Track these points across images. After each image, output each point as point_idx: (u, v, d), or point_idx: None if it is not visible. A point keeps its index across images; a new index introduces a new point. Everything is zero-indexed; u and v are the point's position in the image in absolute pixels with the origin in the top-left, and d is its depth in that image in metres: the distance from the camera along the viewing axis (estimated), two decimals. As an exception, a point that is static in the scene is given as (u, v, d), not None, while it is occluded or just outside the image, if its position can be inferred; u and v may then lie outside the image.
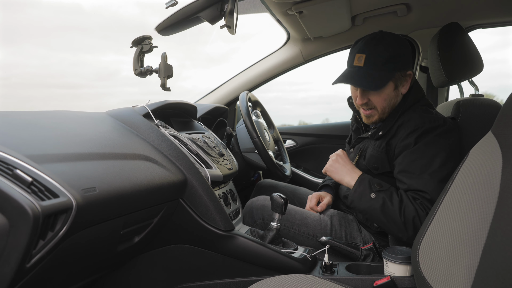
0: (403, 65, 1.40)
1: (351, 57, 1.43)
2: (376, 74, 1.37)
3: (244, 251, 1.26)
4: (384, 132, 1.44)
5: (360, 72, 1.38)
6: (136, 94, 10.94)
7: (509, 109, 0.91)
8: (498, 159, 0.89)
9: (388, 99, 1.42)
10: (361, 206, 1.37)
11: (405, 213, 1.28)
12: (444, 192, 1.01)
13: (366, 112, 1.47)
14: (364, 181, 1.38)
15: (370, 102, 1.43)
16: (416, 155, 1.32)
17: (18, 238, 0.64)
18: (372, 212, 1.34)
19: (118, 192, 0.91)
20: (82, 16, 18.56)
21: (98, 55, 19.41)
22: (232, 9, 1.34)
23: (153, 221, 1.13)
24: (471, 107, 1.44)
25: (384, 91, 1.40)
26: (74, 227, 0.76)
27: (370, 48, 1.38)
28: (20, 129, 0.90)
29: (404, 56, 1.41)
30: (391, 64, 1.38)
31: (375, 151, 1.46)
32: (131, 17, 19.30)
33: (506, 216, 0.80)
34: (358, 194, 1.37)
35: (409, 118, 1.38)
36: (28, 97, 10.31)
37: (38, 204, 0.66)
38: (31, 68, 17.13)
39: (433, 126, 1.34)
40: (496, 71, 5.82)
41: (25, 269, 0.67)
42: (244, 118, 1.72)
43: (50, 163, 0.80)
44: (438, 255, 0.95)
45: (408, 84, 1.44)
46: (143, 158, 1.12)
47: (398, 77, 1.41)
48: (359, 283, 1.17)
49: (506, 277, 0.73)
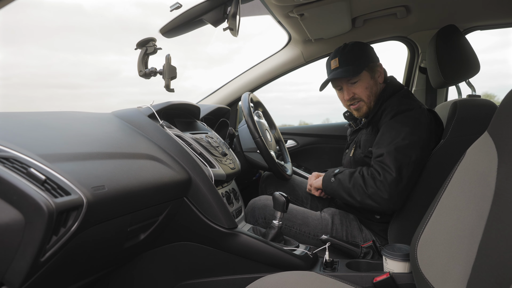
0: (371, 58, 1.67)
1: (328, 66, 1.71)
2: (350, 67, 1.62)
3: (247, 249, 1.29)
4: (371, 117, 1.64)
5: (338, 70, 1.64)
6: (137, 94, 10.97)
7: (505, 110, 0.94)
8: (493, 158, 0.92)
9: (369, 88, 1.64)
10: (329, 192, 1.66)
11: (354, 180, 1.51)
12: (442, 190, 1.03)
13: (355, 106, 1.68)
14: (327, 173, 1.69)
15: (356, 95, 1.65)
16: (386, 129, 1.53)
17: (33, 233, 0.67)
18: (335, 193, 1.61)
19: (125, 190, 0.93)
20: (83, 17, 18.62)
21: (98, 56, 19.44)
22: (235, 12, 1.37)
23: (159, 218, 1.16)
24: (468, 107, 1.46)
25: (362, 80, 1.63)
26: (84, 224, 0.78)
27: (339, 52, 1.66)
28: (32, 130, 0.93)
29: (368, 50, 1.68)
30: (360, 58, 1.63)
31: (367, 136, 1.64)
32: (131, 17, 19.34)
33: (501, 214, 0.83)
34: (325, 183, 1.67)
35: (390, 103, 1.60)
36: (29, 97, 10.34)
37: (52, 201, 0.69)
38: (32, 68, 17.16)
39: (407, 108, 1.53)
40: (496, 71, 5.84)
41: (40, 263, 0.70)
42: (246, 119, 1.75)
43: (61, 162, 0.83)
44: (436, 252, 0.97)
45: (382, 74, 1.68)
46: (149, 158, 1.15)
47: (370, 67, 1.65)
48: (359, 279, 1.19)
49: (500, 272, 0.75)
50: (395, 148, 1.44)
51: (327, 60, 1.74)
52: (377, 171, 1.45)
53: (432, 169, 1.45)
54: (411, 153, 1.44)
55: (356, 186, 1.49)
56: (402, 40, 2.35)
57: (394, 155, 1.44)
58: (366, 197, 1.46)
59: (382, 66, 1.69)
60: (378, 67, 1.68)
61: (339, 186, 1.56)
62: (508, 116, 0.91)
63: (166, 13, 1.34)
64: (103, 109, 1.37)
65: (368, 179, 1.46)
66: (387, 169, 1.43)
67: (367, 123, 1.67)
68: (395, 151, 1.44)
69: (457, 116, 1.45)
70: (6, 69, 10.65)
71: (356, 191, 1.48)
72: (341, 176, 1.58)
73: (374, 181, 1.44)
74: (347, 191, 1.52)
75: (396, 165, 1.42)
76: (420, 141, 1.46)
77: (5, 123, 0.92)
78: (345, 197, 1.54)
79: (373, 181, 1.44)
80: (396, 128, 1.49)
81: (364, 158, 1.62)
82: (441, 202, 1.02)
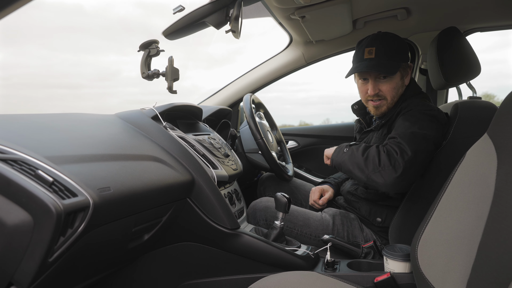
0: (406, 57, 1.58)
1: (360, 52, 1.57)
2: (387, 63, 1.52)
3: (249, 249, 1.30)
4: (385, 120, 1.58)
5: (373, 62, 1.52)
6: (137, 94, 11.00)
7: (504, 112, 0.95)
8: (493, 160, 0.93)
9: (397, 88, 1.57)
10: (337, 161, 1.52)
11: (368, 153, 1.42)
12: (442, 191, 1.04)
13: (376, 103, 1.59)
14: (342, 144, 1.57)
15: (380, 92, 1.56)
16: (402, 121, 1.47)
17: (41, 234, 0.69)
18: (343, 163, 1.49)
19: (130, 191, 0.95)
20: (83, 17, 18.66)
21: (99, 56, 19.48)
22: (237, 15, 1.38)
23: (162, 219, 1.18)
24: (469, 109, 1.47)
25: (394, 80, 1.55)
26: (91, 225, 0.80)
27: (378, 42, 1.54)
28: (38, 132, 0.95)
29: (405, 49, 1.59)
30: (398, 55, 1.54)
31: (378, 139, 1.58)
32: (132, 18, 19.37)
33: (500, 215, 0.84)
34: (336, 152, 1.55)
35: (407, 104, 1.53)
36: (29, 97, 10.38)
37: (60, 202, 0.70)
38: (33, 68, 17.21)
39: (425, 109, 1.48)
40: (496, 71, 5.85)
41: (48, 263, 0.72)
42: (248, 120, 1.76)
43: (68, 164, 0.84)
44: (436, 252, 0.98)
45: (409, 76, 1.61)
46: (153, 159, 1.16)
47: (403, 67, 1.57)
48: (360, 279, 1.20)
49: (499, 272, 0.77)
50: (412, 132, 1.40)
51: (358, 45, 1.62)
52: (393, 149, 1.39)
53: (433, 170, 1.46)
54: (426, 143, 1.40)
55: (369, 158, 1.41)
56: (403, 42, 2.36)
57: (411, 138, 1.39)
58: (376, 172, 1.39)
59: (412, 67, 1.60)
60: (409, 68, 1.61)
61: (351, 157, 1.46)
62: (507, 118, 0.93)
63: (166, 14, 1.36)
64: (103, 109, 1.39)
65: (383, 155, 1.39)
66: (404, 149, 1.37)
67: (380, 125, 1.61)
68: (412, 135, 1.39)
69: (458, 118, 1.46)
70: (7, 69, 10.69)
71: (368, 164, 1.40)
72: (355, 147, 1.49)
73: (389, 158, 1.37)
74: (357, 163, 1.43)
75: (413, 147, 1.37)
76: (435, 137, 1.42)
77: (12, 125, 0.94)
78: (352, 170, 1.45)
79: (387, 158, 1.38)
80: (412, 119, 1.45)
81: None
82: (442, 203, 1.04)
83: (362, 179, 1.43)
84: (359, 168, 1.42)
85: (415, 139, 1.39)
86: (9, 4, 0.55)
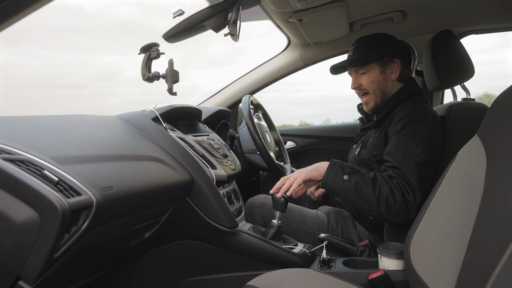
0: (387, 52, 1.60)
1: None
2: (360, 56, 1.60)
3: (247, 247, 1.33)
4: (380, 117, 1.60)
5: (349, 59, 1.63)
6: (137, 95, 11.02)
7: (493, 114, 0.98)
8: (482, 160, 0.96)
9: (377, 82, 1.61)
10: (335, 188, 1.40)
11: (380, 190, 1.35)
12: (434, 191, 1.07)
13: (363, 99, 1.67)
14: (335, 164, 1.42)
15: (362, 86, 1.63)
16: (401, 140, 1.44)
17: (48, 231, 0.72)
18: (346, 193, 1.38)
19: (132, 190, 0.98)
20: (84, 18, 18.66)
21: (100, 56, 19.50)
22: (235, 18, 1.41)
23: (162, 218, 1.21)
24: (462, 110, 1.50)
25: (370, 73, 1.60)
26: (94, 222, 0.83)
27: (357, 41, 1.65)
28: (43, 133, 0.98)
29: (387, 43, 1.62)
30: (374, 49, 1.59)
31: (375, 139, 1.60)
32: (133, 19, 19.35)
33: (488, 213, 0.87)
34: (332, 177, 1.40)
35: (402, 108, 1.54)
36: (30, 97, 10.39)
37: (65, 201, 0.74)
38: (34, 68, 17.22)
39: (421, 116, 1.47)
40: (496, 71, 5.87)
41: (53, 259, 0.75)
42: (247, 121, 1.79)
43: (72, 164, 0.87)
44: (428, 250, 1.01)
45: (397, 72, 1.61)
46: (153, 160, 1.19)
47: (384, 62, 1.60)
48: (355, 276, 1.23)
49: (487, 268, 0.80)
50: (416, 163, 1.37)
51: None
52: (405, 189, 1.35)
53: None
54: (430, 169, 1.40)
55: (382, 197, 1.34)
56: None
57: (417, 171, 1.36)
58: (390, 212, 1.35)
59: (399, 63, 1.61)
60: (394, 63, 1.61)
61: (357, 189, 1.37)
62: (496, 120, 0.96)
63: (167, 15, 1.39)
64: (104, 109, 1.41)
65: (397, 195, 1.34)
66: (415, 190, 1.35)
67: (376, 122, 1.63)
68: (416, 166, 1.37)
69: (452, 119, 1.49)
70: (8, 69, 10.68)
71: (380, 203, 1.34)
72: (359, 176, 1.38)
73: (404, 199, 1.34)
74: (367, 199, 1.36)
75: (419, 183, 1.36)
76: (436, 156, 1.43)
77: (17, 127, 0.97)
78: (359, 203, 1.37)
79: (402, 199, 1.34)
80: (413, 140, 1.42)
81: (368, 160, 1.60)
82: (433, 202, 1.06)
83: (370, 214, 1.39)
84: (369, 204, 1.36)
85: (420, 169, 1.37)
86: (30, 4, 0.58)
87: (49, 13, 0.73)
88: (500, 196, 0.83)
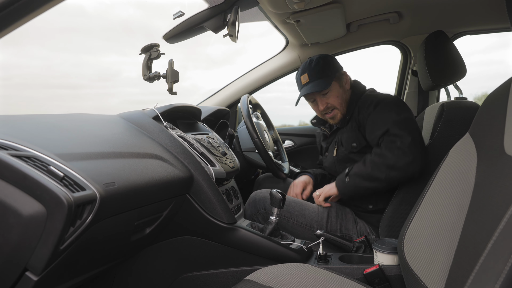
0: (336, 68, 1.77)
1: (299, 82, 1.79)
2: (320, 80, 1.72)
3: (246, 243, 1.36)
4: (349, 116, 1.74)
5: (309, 85, 1.73)
6: (137, 95, 11.02)
7: (484, 113, 1.01)
8: (473, 157, 0.99)
9: (340, 96, 1.75)
10: (348, 191, 1.61)
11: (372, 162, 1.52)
12: (427, 187, 1.10)
13: (330, 115, 1.77)
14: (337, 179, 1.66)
15: (329, 104, 1.75)
16: (376, 116, 1.60)
17: (54, 224, 0.75)
18: (356, 189, 1.59)
19: (133, 187, 1.01)
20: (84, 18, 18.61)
21: (99, 56, 19.48)
22: (234, 20, 1.44)
23: (163, 214, 1.24)
24: (454, 109, 1.54)
25: (333, 90, 1.74)
26: (97, 217, 0.86)
27: (307, 68, 1.76)
28: (48, 131, 1.01)
29: (332, 61, 1.78)
30: (326, 70, 1.73)
31: (349, 132, 1.71)
32: (132, 19, 19.30)
33: (478, 208, 0.90)
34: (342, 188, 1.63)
35: (364, 99, 1.70)
36: (30, 97, 10.38)
37: (70, 195, 0.77)
38: (33, 68, 17.21)
39: (385, 97, 1.66)
40: (494, 71, 5.90)
41: (59, 251, 0.78)
42: (245, 120, 1.82)
43: (76, 161, 0.90)
44: (420, 245, 1.04)
45: (348, 81, 1.80)
46: (154, 157, 1.22)
47: (338, 77, 1.76)
48: (351, 271, 1.26)
49: (476, 262, 0.83)
50: (394, 122, 1.51)
51: (296, 76, 1.84)
52: (391, 142, 1.48)
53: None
54: (412, 124, 1.53)
55: (375, 166, 1.49)
56: (395, 44, 2.43)
57: (398, 125, 1.50)
58: (390, 170, 1.46)
59: (347, 74, 1.80)
60: (344, 75, 1.79)
61: (358, 179, 1.54)
62: (486, 118, 0.99)
63: (166, 15, 1.41)
64: (104, 109, 1.43)
65: (385, 153, 1.47)
66: (400, 136, 1.47)
67: (346, 121, 1.75)
68: (396, 124, 1.51)
69: (444, 118, 1.52)
70: (8, 69, 10.67)
71: (378, 170, 1.48)
72: (353, 170, 1.58)
73: (392, 151, 1.46)
74: (368, 178, 1.51)
75: (406, 131, 1.48)
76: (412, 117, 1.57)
77: (23, 125, 1.00)
78: (369, 185, 1.53)
79: (390, 152, 1.46)
80: (385, 111, 1.57)
81: (349, 155, 1.69)
82: (426, 198, 1.09)
83: (383, 185, 1.52)
84: (373, 179, 1.51)
85: (401, 124, 1.50)
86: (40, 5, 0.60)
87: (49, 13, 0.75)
88: (489, 192, 0.86)
